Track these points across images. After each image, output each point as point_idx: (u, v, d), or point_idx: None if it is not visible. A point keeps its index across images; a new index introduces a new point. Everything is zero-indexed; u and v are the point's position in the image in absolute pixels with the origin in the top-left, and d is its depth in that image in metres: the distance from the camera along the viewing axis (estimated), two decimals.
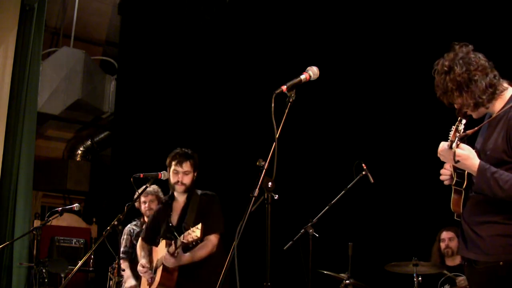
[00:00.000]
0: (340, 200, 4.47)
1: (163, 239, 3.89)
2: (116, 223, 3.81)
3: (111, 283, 5.05)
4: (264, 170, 2.52)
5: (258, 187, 2.48)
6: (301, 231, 4.39)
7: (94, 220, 9.44)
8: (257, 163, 3.92)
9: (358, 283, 4.36)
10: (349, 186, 4.48)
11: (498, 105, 2.52)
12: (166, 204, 4.17)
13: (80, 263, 3.63)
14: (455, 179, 2.60)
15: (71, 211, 5.98)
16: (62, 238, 8.31)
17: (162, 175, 4.00)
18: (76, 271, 3.56)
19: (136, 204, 5.25)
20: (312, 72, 2.62)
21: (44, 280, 5.96)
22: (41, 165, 9.16)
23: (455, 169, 2.57)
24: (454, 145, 2.35)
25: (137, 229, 5.21)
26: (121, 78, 8.98)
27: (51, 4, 8.71)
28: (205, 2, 7.48)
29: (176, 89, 7.78)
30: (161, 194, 5.25)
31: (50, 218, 5.30)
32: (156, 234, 4.13)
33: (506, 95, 2.52)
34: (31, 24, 7.36)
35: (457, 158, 2.37)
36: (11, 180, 7.04)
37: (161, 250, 3.92)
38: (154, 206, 5.17)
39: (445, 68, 2.50)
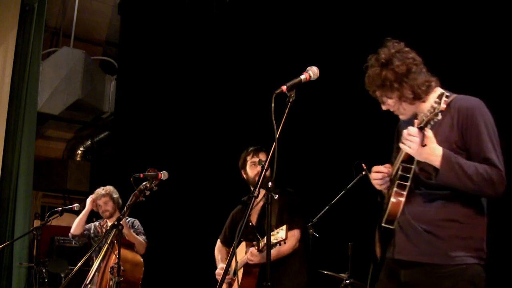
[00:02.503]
0: (340, 200, 4.46)
1: (244, 240, 3.79)
2: (116, 223, 3.82)
3: (111, 283, 5.04)
4: (264, 170, 2.52)
5: (258, 187, 2.49)
6: None
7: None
8: (257, 163, 3.93)
9: (358, 283, 4.35)
10: (349, 186, 4.46)
11: (431, 100, 2.40)
12: (246, 204, 3.98)
13: (80, 263, 3.63)
14: (399, 173, 2.42)
15: (71, 211, 5.99)
16: (62, 238, 8.30)
17: (162, 175, 3.98)
18: (76, 271, 3.56)
19: (95, 208, 5.27)
20: (312, 72, 2.62)
21: (44, 280, 5.95)
22: (41, 165, 9.17)
23: (403, 161, 2.44)
24: (433, 122, 2.25)
25: (94, 230, 5.23)
26: (121, 78, 8.99)
27: (51, 4, 8.71)
28: (205, 2, 7.47)
29: (176, 89, 7.77)
30: (115, 195, 5.21)
31: (50, 218, 5.32)
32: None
33: (438, 91, 2.43)
34: (31, 24, 7.37)
35: (425, 142, 2.24)
36: (11, 180, 7.04)
37: (240, 252, 3.82)
38: (109, 207, 5.17)
39: (383, 61, 2.46)
